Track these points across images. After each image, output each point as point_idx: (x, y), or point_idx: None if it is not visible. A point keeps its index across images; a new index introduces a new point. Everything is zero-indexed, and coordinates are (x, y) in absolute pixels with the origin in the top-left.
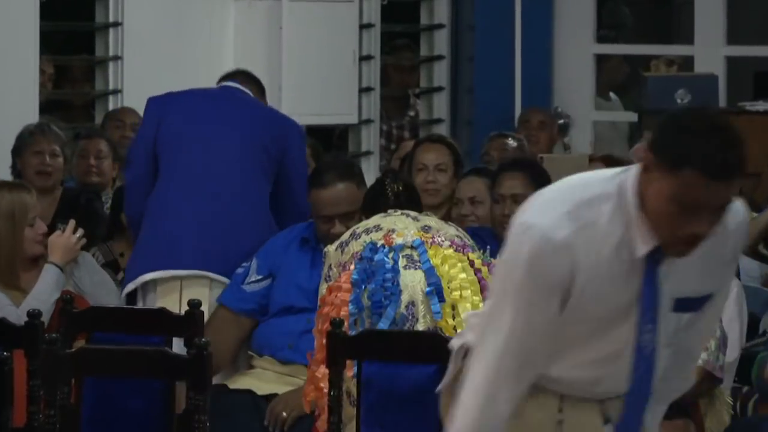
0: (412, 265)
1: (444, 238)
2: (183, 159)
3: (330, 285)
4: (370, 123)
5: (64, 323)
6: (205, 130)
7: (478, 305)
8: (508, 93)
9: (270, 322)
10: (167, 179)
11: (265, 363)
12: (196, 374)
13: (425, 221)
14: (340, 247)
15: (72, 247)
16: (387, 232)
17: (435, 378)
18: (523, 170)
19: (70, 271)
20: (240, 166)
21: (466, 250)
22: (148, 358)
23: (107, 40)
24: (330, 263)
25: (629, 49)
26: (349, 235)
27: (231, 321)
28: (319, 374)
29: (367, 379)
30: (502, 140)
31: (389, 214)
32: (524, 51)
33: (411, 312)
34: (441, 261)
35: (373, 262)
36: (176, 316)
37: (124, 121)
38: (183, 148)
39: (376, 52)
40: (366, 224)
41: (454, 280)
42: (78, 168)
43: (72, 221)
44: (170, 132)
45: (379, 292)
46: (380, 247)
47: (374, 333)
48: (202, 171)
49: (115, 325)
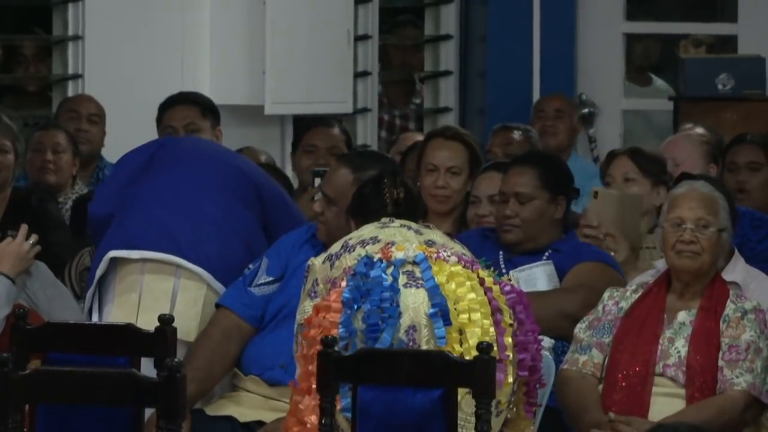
0: (413, 283)
1: (450, 254)
2: (161, 175)
3: (317, 304)
4: (367, 112)
5: (16, 342)
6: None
7: (488, 330)
8: (526, 77)
9: (262, 337)
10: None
11: (250, 384)
12: (167, 400)
13: (428, 235)
14: (328, 259)
15: (24, 255)
16: (385, 245)
17: (441, 405)
18: (532, 166)
19: (22, 282)
20: (220, 184)
21: (475, 267)
22: (112, 382)
23: (66, 16)
24: (315, 278)
25: (664, 27)
26: (340, 247)
27: (234, 328)
28: (302, 406)
29: (364, 406)
30: (506, 133)
31: (386, 225)
32: (544, 29)
33: (412, 337)
34: (447, 278)
35: (368, 278)
36: (145, 334)
37: (79, 111)
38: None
39: (373, 30)
40: (360, 235)
41: (461, 301)
42: (32, 164)
43: (24, 226)
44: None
45: (375, 314)
46: (377, 261)
47: (371, 353)
48: (180, 183)
49: (74, 343)
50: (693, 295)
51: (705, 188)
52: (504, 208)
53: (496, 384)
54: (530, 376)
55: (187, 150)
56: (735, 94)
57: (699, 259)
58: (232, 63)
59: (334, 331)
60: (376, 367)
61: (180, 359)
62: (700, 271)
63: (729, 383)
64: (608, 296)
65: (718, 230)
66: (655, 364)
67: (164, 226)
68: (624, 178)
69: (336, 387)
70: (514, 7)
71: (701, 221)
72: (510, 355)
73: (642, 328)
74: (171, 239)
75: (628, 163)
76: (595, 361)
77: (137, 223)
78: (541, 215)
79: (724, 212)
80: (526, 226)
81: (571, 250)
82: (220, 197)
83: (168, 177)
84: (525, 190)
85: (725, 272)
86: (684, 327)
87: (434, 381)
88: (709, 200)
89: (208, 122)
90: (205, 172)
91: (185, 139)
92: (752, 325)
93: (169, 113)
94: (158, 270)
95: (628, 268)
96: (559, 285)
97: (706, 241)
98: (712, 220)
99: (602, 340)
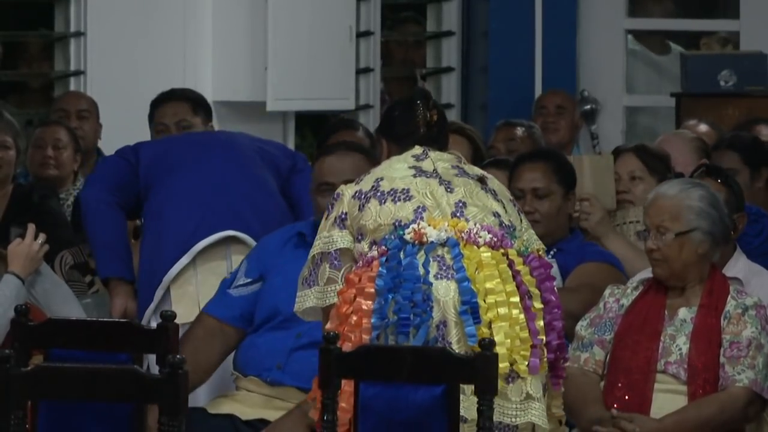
0: (443, 273)
1: (480, 228)
2: (183, 173)
3: (349, 277)
4: (369, 109)
5: (18, 338)
6: (201, 158)
7: (517, 319)
8: (528, 74)
9: (256, 338)
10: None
11: (250, 384)
12: (169, 396)
13: (458, 192)
14: (358, 198)
15: (34, 255)
16: (416, 214)
17: (442, 401)
18: (544, 161)
19: (31, 282)
20: (249, 163)
21: (505, 243)
22: (114, 379)
23: (67, 13)
24: (344, 210)
25: (666, 23)
26: (370, 187)
27: (214, 330)
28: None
29: (366, 402)
30: (509, 130)
31: (419, 159)
32: (546, 25)
33: (441, 333)
34: (477, 266)
35: (401, 267)
36: (147, 330)
37: (68, 109)
38: (180, 167)
39: (375, 26)
40: (392, 181)
41: (490, 294)
42: (33, 160)
43: (32, 226)
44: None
45: (406, 308)
46: (409, 246)
47: (372, 349)
48: (206, 177)
49: (76, 340)
50: (693, 292)
51: (672, 190)
52: (521, 204)
53: (532, 369)
54: (558, 354)
55: (200, 142)
56: (737, 91)
57: (666, 267)
58: (234, 59)
59: (366, 319)
60: (377, 364)
61: (183, 356)
62: (672, 276)
63: (731, 380)
64: (609, 293)
65: (678, 234)
66: (657, 361)
67: (212, 209)
68: (630, 176)
69: (338, 383)
70: (516, 3)
71: (660, 228)
72: (543, 339)
73: (643, 326)
74: (232, 218)
75: (634, 160)
76: (596, 359)
77: (190, 217)
78: (559, 210)
79: (696, 212)
80: (546, 221)
81: (576, 250)
82: (252, 173)
83: (195, 172)
84: (542, 185)
85: (726, 268)
86: (685, 324)
87: (436, 377)
88: (669, 205)
89: (199, 118)
90: (229, 159)
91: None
92: (753, 321)
93: (160, 110)
94: (209, 258)
95: (604, 229)
96: (561, 284)
97: (666, 248)
98: (670, 225)
99: (604, 337)
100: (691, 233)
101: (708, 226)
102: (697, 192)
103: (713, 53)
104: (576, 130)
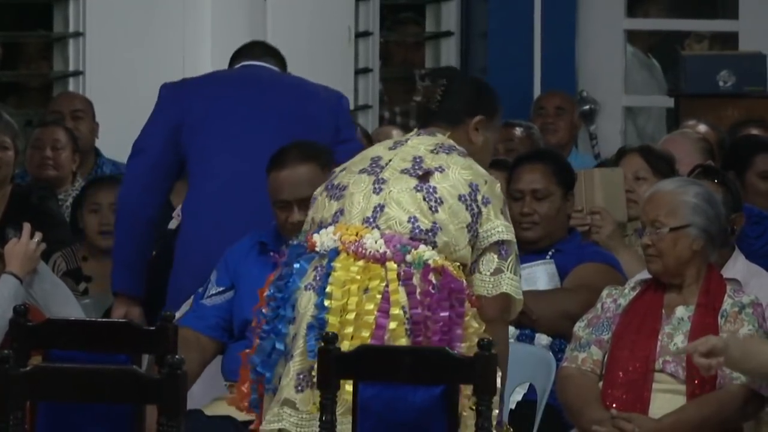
0: (313, 284)
1: (379, 237)
2: (212, 166)
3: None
4: (368, 109)
5: (17, 338)
6: (235, 129)
7: (364, 341)
8: (527, 74)
9: (237, 346)
10: (197, 188)
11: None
12: (168, 397)
13: (383, 194)
14: (326, 188)
15: (32, 255)
16: (334, 218)
17: (441, 402)
18: (543, 162)
19: (29, 281)
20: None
21: (396, 257)
22: (113, 379)
23: (66, 13)
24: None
25: (665, 24)
26: (332, 176)
27: (190, 342)
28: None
29: (364, 403)
30: (508, 130)
31: (373, 163)
32: (545, 26)
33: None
34: (344, 282)
35: (291, 274)
36: (145, 331)
37: (61, 111)
38: (212, 153)
39: (374, 27)
40: (345, 174)
41: (349, 311)
42: (31, 160)
43: (27, 225)
44: (195, 131)
45: (271, 316)
46: (301, 250)
47: (371, 349)
48: (232, 178)
49: (75, 340)
50: (690, 291)
51: (669, 186)
52: (519, 205)
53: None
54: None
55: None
56: (736, 91)
57: (660, 262)
58: None
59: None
60: (376, 364)
61: (181, 357)
62: (666, 272)
63: (728, 378)
64: (607, 294)
65: (673, 229)
66: (655, 361)
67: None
68: (635, 177)
69: (336, 384)
70: (515, 4)
71: (655, 223)
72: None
73: (641, 325)
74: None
75: (639, 161)
76: (594, 359)
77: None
78: (558, 211)
79: (691, 208)
80: (545, 222)
81: (574, 251)
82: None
83: (216, 184)
84: (541, 186)
85: (725, 269)
86: (682, 322)
87: (435, 378)
88: (665, 200)
89: None
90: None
91: None
92: (750, 319)
93: None
94: None
95: (615, 243)
96: (560, 285)
97: (661, 243)
98: (665, 220)
99: (601, 337)
100: (686, 229)
101: (703, 222)
102: (694, 189)
103: (712, 53)
104: (575, 131)
